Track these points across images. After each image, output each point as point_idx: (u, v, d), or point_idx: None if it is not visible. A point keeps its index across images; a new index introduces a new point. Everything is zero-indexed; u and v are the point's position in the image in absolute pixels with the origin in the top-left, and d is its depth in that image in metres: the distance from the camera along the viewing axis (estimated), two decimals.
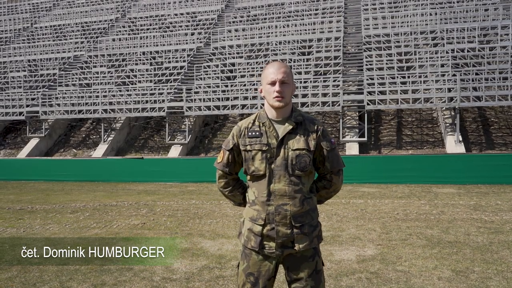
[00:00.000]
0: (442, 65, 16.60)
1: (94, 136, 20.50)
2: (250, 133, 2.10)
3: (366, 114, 15.97)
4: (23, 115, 19.63)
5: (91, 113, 18.79)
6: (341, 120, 16.36)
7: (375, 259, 4.77)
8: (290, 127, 2.08)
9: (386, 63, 17.53)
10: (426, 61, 16.96)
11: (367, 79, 16.56)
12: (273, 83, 2.05)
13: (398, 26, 19.60)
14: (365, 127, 15.85)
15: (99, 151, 18.22)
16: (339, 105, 16.00)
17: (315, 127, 2.12)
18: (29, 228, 6.95)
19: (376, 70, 17.36)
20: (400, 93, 15.42)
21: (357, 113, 17.00)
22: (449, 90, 15.21)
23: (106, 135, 18.92)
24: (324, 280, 2.15)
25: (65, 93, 19.80)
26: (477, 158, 13.19)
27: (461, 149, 14.36)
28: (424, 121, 17.38)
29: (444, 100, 15.14)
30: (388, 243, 5.52)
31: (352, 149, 15.71)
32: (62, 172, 16.02)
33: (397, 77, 16.31)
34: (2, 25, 30.12)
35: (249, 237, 2.11)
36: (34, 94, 20.44)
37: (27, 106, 19.81)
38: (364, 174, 13.11)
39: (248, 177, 2.14)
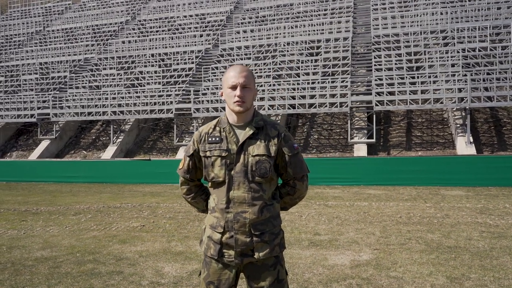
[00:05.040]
0: (453, 65, 16.31)
1: (103, 138, 20.70)
2: (210, 139, 2.05)
3: (374, 115, 15.77)
4: (35, 117, 19.91)
5: (100, 115, 18.97)
6: (349, 121, 16.19)
7: (369, 265, 4.66)
8: (251, 132, 2.01)
9: (395, 63, 17.30)
10: (436, 61, 16.69)
11: (376, 80, 16.37)
12: (234, 87, 1.99)
13: (408, 26, 19.34)
14: (374, 128, 15.65)
15: (108, 153, 18.38)
16: (347, 106, 15.83)
17: (277, 132, 2.05)
18: (29, 230, 7.01)
19: (385, 70, 17.15)
20: (410, 94, 15.19)
21: (366, 114, 16.81)
22: (460, 90, 14.93)
23: (115, 137, 19.08)
24: None
25: (75, 96, 20.04)
26: (488, 159, 12.89)
27: (472, 150, 14.06)
28: (434, 122, 17.09)
29: (454, 101, 14.86)
30: (385, 247, 5.40)
31: (360, 150, 15.53)
32: (71, 174, 16.20)
33: (407, 77, 16.09)
34: (15, 29, 30.70)
35: (208, 244, 2.06)
36: (45, 97, 20.74)
37: (39, 108, 20.10)
38: (371, 176, 12.94)
39: (209, 183, 2.09)
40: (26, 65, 24.40)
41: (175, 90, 18.81)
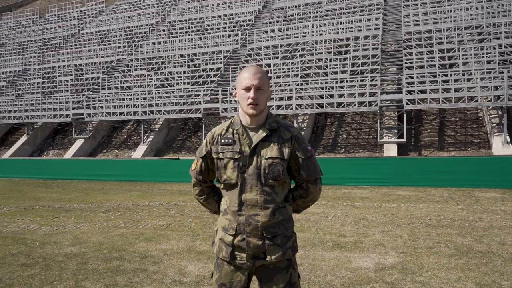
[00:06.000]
0: (488, 62, 15.69)
1: (134, 137, 21.19)
2: (223, 140, 2.03)
3: (405, 114, 15.38)
4: (70, 117, 20.62)
5: (131, 115, 19.42)
6: (378, 120, 15.87)
7: (395, 268, 4.55)
8: (264, 134, 1.99)
9: (427, 61, 16.81)
10: (471, 58, 16.11)
11: (407, 78, 15.97)
12: (247, 89, 1.97)
13: (441, 22, 18.75)
14: (404, 128, 15.27)
15: (139, 152, 18.80)
16: (376, 105, 15.53)
17: (290, 135, 2.02)
18: (61, 226, 7.26)
19: (416, 68, 16.71)
20: (442, 92, 14.73)
21: (396, 113, 16.43)
22: (496, 88, 14.34)
23: (145, 136, 19.49)
24: None
25: (108, 96, 20.61)
26: None
27: (509, 150, 13.48)
28: (469, 121, 16.49)
29: (490, 99, 14.28)
30: (412, 251, 5.25)
31: (390, 150, 15.19)
32: (104, 172, 16.65)
33: (439, 75, 15.59)
34: (52, 32, 31.89)
35: (220, 247, 2.05)
36: (80, 97, 21.44)
37: (73, 108, 20.81)
38: (401, 177, 12.61)
39: (221, 185, 2.08)
40: (62, 67, 25.32)
41: (204, 90, 19.02)
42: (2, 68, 28.21)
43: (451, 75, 15.45)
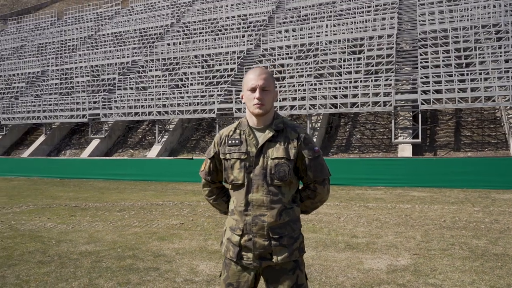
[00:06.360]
0: (506, 61, 15.40)
1: (149, 137, 21.41)
2: (230, 141, 2.06)
3: (420, 114, 15.19)
4: (86, 117, 20.95)
5: (146, 115, 19.64)
6: (393, 120, 15.71)
7: (407, 270, 4.51)
8: (270, 134, 2.00)
9: (443, 60, 16.57)
10: (488, 57, 15.82)
11: (422, 77, 15.77)
12: (253, 90, 2.00)
13: (457, 21, 18.46)
14: (419, 128, 15.08)
15: (153, 152, 18.99)
16: (391, 105, 15.38)
17: (297, 135, 2.03)
18: (77, 225, 7.40)
19: (431, 68, 16.48)
20: (458, 92, 14.51)
21: (411, 113, 16.23)
22: None
23: (160, 136, 19.68)
24: None
25: (123, 96, 20.87)
26: None
27: None
28: (486, 121, 16.20)
29: (508, 99, 14.01)
30: (425, 252, 5.20)
31: (405, 150, 15.03)
32: (119, 172, 16.87)
33: (455, 74, 15.36)
34: (70, 34, 32.45)
35: (228, 246, 2.08)
36: (96, 98, 21.77)
37: (90, 109, 21.13)
38: (416, 177, 12.47)
39: (229, 186, 2.11)
40: (78, 68, 25.75)
41: (218, 90, 19.11)
42: (22, 69, 28.83)
43: (467, 74, 15.21)
